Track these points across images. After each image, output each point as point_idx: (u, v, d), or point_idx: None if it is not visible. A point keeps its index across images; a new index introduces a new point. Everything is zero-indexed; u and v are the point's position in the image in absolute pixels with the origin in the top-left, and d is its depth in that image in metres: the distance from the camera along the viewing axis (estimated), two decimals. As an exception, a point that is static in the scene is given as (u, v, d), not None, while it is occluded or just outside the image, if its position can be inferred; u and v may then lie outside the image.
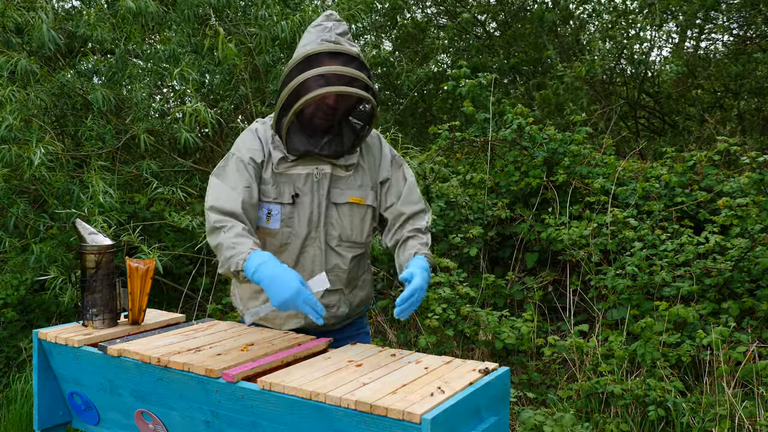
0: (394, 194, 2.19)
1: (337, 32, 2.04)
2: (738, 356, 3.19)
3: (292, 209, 2.08)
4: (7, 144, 3.92)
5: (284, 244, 2.10)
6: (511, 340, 3.55)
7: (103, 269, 2.13)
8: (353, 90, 1.95)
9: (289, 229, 2.08)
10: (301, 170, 2.08)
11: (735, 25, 7.31)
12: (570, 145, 4.68)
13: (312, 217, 2.08)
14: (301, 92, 1.97)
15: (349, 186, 2.12)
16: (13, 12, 4.44)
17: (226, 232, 1.92)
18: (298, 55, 2.01)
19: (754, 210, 3.79)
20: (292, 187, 2.07)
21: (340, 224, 2.12)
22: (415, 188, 2.24)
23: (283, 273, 1.78)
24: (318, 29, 2.04)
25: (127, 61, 4.69)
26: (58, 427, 2.14)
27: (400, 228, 2.19)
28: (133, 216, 4.63)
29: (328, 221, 2.10)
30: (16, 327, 4.40)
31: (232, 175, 2.04)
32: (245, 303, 2.24)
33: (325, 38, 2.01)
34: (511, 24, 8.11)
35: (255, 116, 4.82)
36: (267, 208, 2.08)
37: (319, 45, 1.99)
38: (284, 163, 2.08)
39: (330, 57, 1.98)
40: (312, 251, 2.11)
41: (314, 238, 2.10)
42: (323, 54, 1.98)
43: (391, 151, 2.23)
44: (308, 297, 1.75)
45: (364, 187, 2.14)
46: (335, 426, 1.51)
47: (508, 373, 1.75)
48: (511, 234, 4.68)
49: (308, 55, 1.98)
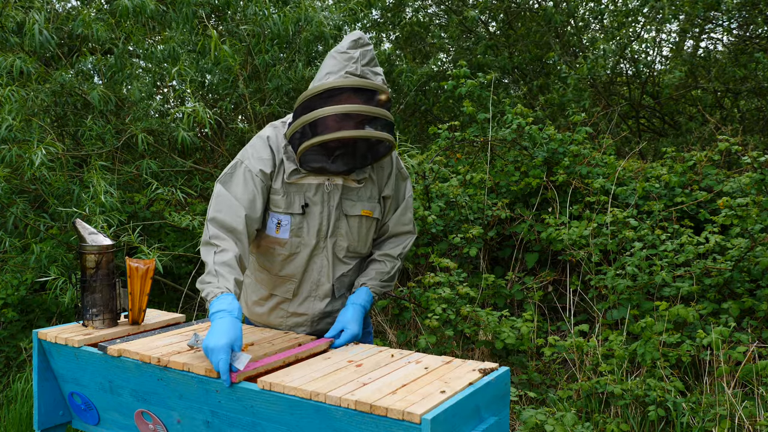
0: (392, 210, 2.21)
1: (363, 63, 1.95)
2: (738, 356, 3.19)
3: (302, 219, 2.07)
4: (8, 144, 3.92)
5: (293, 253, 2.10)
6: (511, 340, 3.55)
7: (103, 269, 2.13)
8: (374, 134, 1.92)
9: (298, 239, 2.08)
10: (312, 180, 2.06)
11: (735, 24, 7.31)
12: (570, 145, 4.68)
13: (321, 227, 2.08)
14: (319, 127, 1.92)
15: (360, 198, 2.11)
16: (11, 11, 4.44)
17: (216, 254, 1.89)
18: (319, 84, 1.94)
19: (755, 210, 3.79)
20: (302, 197, 2.06)
21: (350, 236, 2.12)
22: (410, 209, 2.25)
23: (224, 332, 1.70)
24: (343, 58, 1.95)
25: (126, 61, 4.69)
26: (58, 427, 2.14)
27: (379, 244, 2.22)
28: (133, 216, 4.63)
29: (337, 232, 2.10)
30: (16, 327, 4.40)
31: (237, 185, 2.01)
32: (250, 308, 2.25)
33: (350, 71, 1.92)
34: (513, 23, 8.11)
35: (254, 116, 4.82)
36: (277, 218, 2.07)
37: (343, 79, 1.91)
38: (296, 174, 2.05)
39: (353, 93, 1.91)
40: (320, 261, 2.11)
41: (323, 248, 2.10)
42: (347, 89, 1.91)
43: (398, 165, 2.21)
44: (222, 362, 1.66)
45: (372, 199, 2.14)
46: (335, 426, 1.51)
47: (508, 373, 1.75)
48: (511, 234, 4.68)
49: (331, 88, 1.91)
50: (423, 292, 3.87)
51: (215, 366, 1.66)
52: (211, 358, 1.67)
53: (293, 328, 2.18)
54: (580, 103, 6.07)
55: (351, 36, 1.99)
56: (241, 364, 1.66)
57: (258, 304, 2.22)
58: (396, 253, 2.22)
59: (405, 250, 2.24)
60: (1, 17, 4.45)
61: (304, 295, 2.15)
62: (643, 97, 7.20)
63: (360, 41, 1.97)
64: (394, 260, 2.21)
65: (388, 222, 2.22)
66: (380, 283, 2.17)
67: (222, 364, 1.65)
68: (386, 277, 2.18)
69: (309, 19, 4.70)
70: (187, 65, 4.42)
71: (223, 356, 1.66)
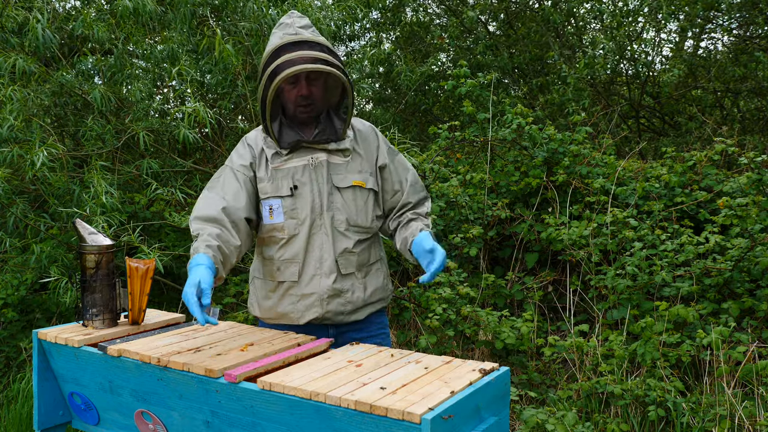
0: (397, 181, 2.25)
1: (299, 26, 2.10)
2: (738, 356, 3.19)
3: (293, 201, 2.11)
4: (8, 144, 3.92)
5: (292, 235, 2.13)
6: (511, 340, 3.55)
7: (103, 269, 2.13)
8: (317, 66, 2.01)
9: (293, 220, 2.12)
10: (297, 162, 2.12)
11: (735, 24, 7.30)
12: (570, 145, 4.68)
13: (314, 204, 2.12)
14: (271, 83, 2.03)
15: (349, 171, 2.16)
16: (11, 11, 4.44)
17: (200, 237, 1.99)
18: (265, 54, 2.08)
19: (754, 210, 3.79)
20: (290, 179, 2.12)
21: (347, 208, 2.15)
22: (418, 177, 2.32)
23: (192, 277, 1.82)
24: (280, 28, 2.12)
25: (126, 61, 4.70)
26: (58, 427, 2.14)
27: (404, 213, 2.26)
28: (133, 216, 4.63)
29: (333, 206, 2.13)
30: (16, 327, 4.40)
31: (220, 185, 2.12)
32: (261, 305, 2.26)
33: (286, 32, 2.08)
34: (512, 23, 8.11)
35: (254, 115, 4.83)
36: (268, 205, 2.13)
37: (281, 39, 2.06)
38: (279, 157, 2.13)
39: (293, 46, 2.04)
40: (319, 238, 2.13)
41: (320, 225, 2.13)
42: (286, 45, 2.05)
43: (384, 141, 2.28)
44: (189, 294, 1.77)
45: (363, 172, 2.18)
46: (335, 426, 1.51)
47: (508, 373, 1.75)
48: (511, 234, 4.68)
49: (273, 50, 2.05)
50: (423, 292, 3.88)
51: (186, 301, 1.77)
52: (184, 299, 1.78)
53: (305, 312, 2.16)
54: (580, 103, 6.08)
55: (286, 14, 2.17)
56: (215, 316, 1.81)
57: (267, 298, 2.22)
58: (424, 212, 2.27)
59: (429, 210, 2.30)
60: (2, 18, 4.45)
61: (309, 273, 2.15)
62: (643, 97, 7.20)
63: (293, 14, 2.14)
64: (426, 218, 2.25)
65: (403, 194, 2.25)
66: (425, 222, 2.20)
67: (190, 296, 1.75)
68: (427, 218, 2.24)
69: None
70: (187, 65, 4.42)
71: (189, 289, 1.76)
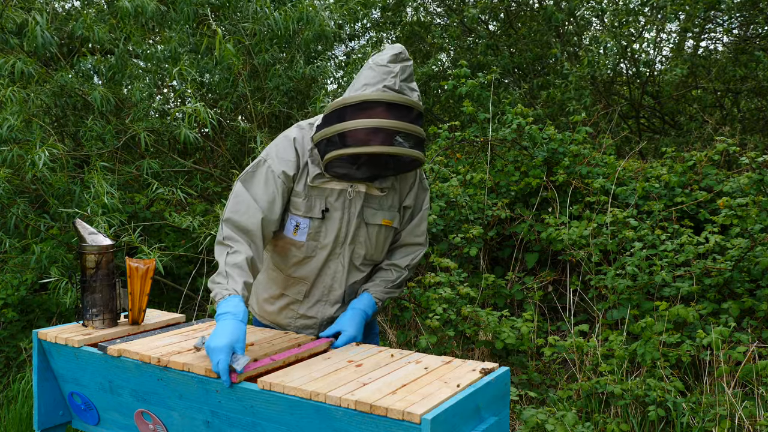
0: (408, 220, 2.20)
1: (402, 78, 1.93)
2: (738, 356, 3.19)
3: (321, 224, 2.05)
4: (9, 145, 3.92)
5: (308, 256, 2.09)
6: (511, 340, 3.55)
7: (103, 269, 2.13)
8: (405, 151, 1.90)
9: (315, 243, 2.07)
10: (335, 185, 2.04)
11: (735, 24, 7.30)
12: (570, 145, 4.68)
13: (340, 233, 2.07)
14: (349, 138, 1.91)
15: (381, 206, 2.10)
16: (11, 12, 4.44)
17: (229, 255, 1.90)
18: (356, 94, 1.92)
19: (754, 210, 3.79)
20: (323, 201, 2.04)
21: (368, 244, 2.11)
22: (425, 221, 2.23)
23: (227, 334, 1.72)
24: (382, 71, 1.93)
25: (126, 61, 4.70)
26: (58, 427, 2.14)
27: (389, 253, 2.21)
28: (133, 216, 4.63)
29: (356, 240, 2.09)
30: (16, 327, 4.40)
31: (258, 185, 2.00)
32: (260, 304, 2.25)
33: (388, 85, 1.90)
34: (513, 23, 8.10)
35: (254, 115, 4.82)
36: (296, 221, 2.06)
37: (380, 92, 1.89)
38: (320, 178, 2.03)
39: (388, 107, 1.89)
40: (334, 266, 2.11)
41: (339, 254, 2.09)
42: (382, 103, 1.89)
43: (421, 176, 2.20)
44: (222, 362, 1.67)
45: (392, 208, 2.13)
46: (335, 426, 1.51)
47: (508, 373, 1.75)
48: (511, 234, 4.68)
49: (367, 100, 1.89)
50: (423, 292, 3.87)
51: (215, 366, 1.67)
52: (211, 358, 1.69)
53: (301, 330, 2.17)
54: (581, 101, 6.07)
55: (392, 49, 1.97)
56: (240, 366, 1.67)
57: (268, 302, 2.21)
58: (404, 263, 2.20)
59: (414, 262, 2.22)
60: (1, 19, 4.45)
61: (315, 298, 2.14)
62: (644, 97, 7.19)
63: (401, 56, 1.96)
64: (401, 270, 2.20)
65: (401, 231, 2.21)
66: (384, 290, 2.15)
67: (222, 364, 1.66)
68: (391, 285, 2.17)
69: (310, 19, 4.70)
70: (187, 65, 4.42)
71: (223, 356, 1.67)
